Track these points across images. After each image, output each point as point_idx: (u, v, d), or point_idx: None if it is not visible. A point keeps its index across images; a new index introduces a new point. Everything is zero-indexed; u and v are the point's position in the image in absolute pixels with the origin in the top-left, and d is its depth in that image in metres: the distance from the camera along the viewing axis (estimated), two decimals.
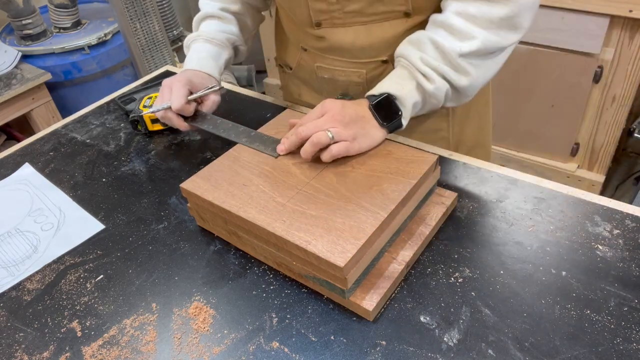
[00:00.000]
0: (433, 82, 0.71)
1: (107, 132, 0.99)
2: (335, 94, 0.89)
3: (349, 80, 0.85)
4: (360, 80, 0.84)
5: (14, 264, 0.72)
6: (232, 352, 0.57)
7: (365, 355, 0.55)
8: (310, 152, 0.67)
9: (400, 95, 0.71)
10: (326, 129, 0.67)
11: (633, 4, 1.46)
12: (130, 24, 1.96)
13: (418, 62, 0.71)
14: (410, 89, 0.72)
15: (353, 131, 0.68)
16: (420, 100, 0.73)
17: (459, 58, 0.70)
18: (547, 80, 1.77)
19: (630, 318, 0.55)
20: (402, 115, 0.72)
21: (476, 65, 0.72)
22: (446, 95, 0.73)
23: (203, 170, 0.71)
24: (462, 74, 0.71)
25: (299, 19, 0.82)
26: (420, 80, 0.71)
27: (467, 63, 0.71)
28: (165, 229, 0.74)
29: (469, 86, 0.73)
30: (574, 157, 1.90)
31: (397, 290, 0.61)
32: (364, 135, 0.69)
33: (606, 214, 0.67)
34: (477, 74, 0.72)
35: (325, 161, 0.67)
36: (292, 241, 0.58)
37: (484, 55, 0.71)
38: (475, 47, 0.69)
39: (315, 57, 0.86)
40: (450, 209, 0.70)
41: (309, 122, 0.69)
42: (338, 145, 0.67)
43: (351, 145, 0.68)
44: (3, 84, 1.86)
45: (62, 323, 0.63)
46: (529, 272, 0.61)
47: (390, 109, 0.71)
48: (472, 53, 0.70)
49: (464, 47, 0.69)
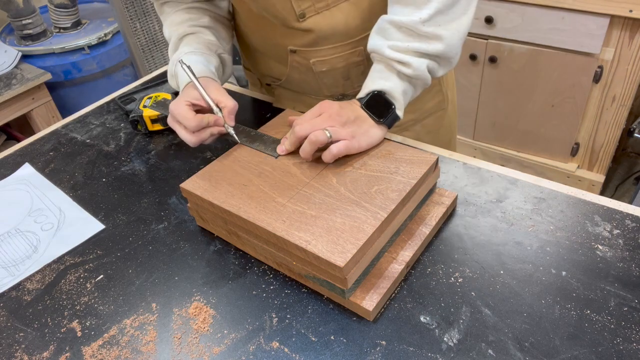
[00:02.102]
0: (409, 65, 0.70)
1: (107, 132, 0.99)
2: (335, 85, 0.88)
3: (348, 63, 0.83)
4: (360, 58, 0.82)
5: (14, 264, 0.72)
6: (232, 352, 0.57)
7: (365, 355, 0.55)
8: (309, 152, 0.67)
9: (387, 88, 0.71)
10: (324, 128, 0.67)
11: (633, 4, 1.46)
12: (130, 24, 1.96)
13: (388, 52, 0.70)
14: (394, 80, 0.71)
15: (351, 129, 0.68)
16: (408, 87, 0.72)
17: (424, 26, 0.68)
18: (547, 80, 1.77)
19: (630, 318, 0.55)
20: (396, 107, 0.72)
21: (444, 25, 0.69)
22: (430, 68, 0.72)
23: (203, 170, 0.71)
24: (434, 40, 0.69)
25: (281, 16, 0.78)
26: (398, 68, 0.71)
27: (435, 27, 0.69)
28: (165, 229, 0.74)
29: (446, 48, 0.70)
30: (574, 157, 1.90)
31: (397, 290, 0.61)
32: (363, 133, 0.69)
33: (606, 214, 0.67)
34: (450, 33, 0.70)
35: (327, 161, 0.67)
36: (292, 241, 0.58)
37: (447, 10, 0.69)
38: (433, 8, 0.67)
39: (308, 55, 0.83)
40: (450, 209, 0.70)
41: (307, 121, 0.69)
42: (338, 145, 0.67)
43: (350, 143, 0.67)
44: (3, 84, 1.86)
45: (62, 323, 0.63)
46: (529, 272, 0.61)
47: (382, 104, 0.71)
48: (433, 15, 0.68)
49: (423, 14, 0.68)
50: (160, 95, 0.98)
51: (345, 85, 0.88)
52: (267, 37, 0.86)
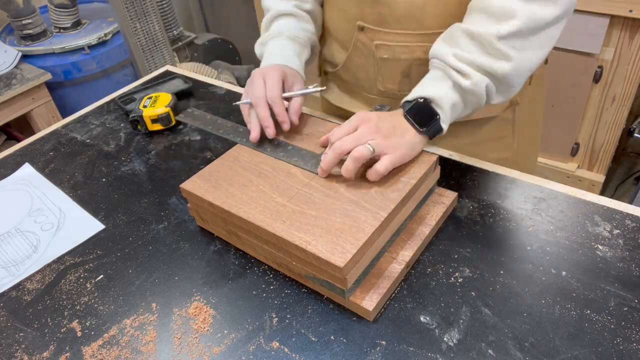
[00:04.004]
0: (469, 77, 0.66)
1: (107, 132, 0.99)
2: (392, 79, 0.82)
3: (412, 57, 0.77)
4: (426, 56, 0.74)
5: (14, 264, 0.72)
6: (232, 352, 0.57)
7: (365, 355, 0.55)
8: (353, 170, 0.63)
9: (436, 97, 0.67)
10: (366, 142, 0.63)
11: (633, 4, 1.46)
12: (130, 24, 1.96)
13: (451, 59, 0.67)
14: (445, 90, 0.67)
15: (393, 141, 0.64)
16: (459, 101, 0.68)
17: (499, 42, 0.64)
18: (547, 80, 1.76)
19: (630, 318, 0.55)
20: (441, 119, 0.67)
21: (519, 49, 0.65)
22: (488, 89, 0.68)
23: (203, 170, 0.71)
24: (503, 59, 0.65)
25: None
26: (455, 78, 0.67)
27: (508, 47, 0.65)
28: (165, 229, 0.74)
29: (512, 72, 0.66)
30: (574, 157, 1.90)
31: (397, 290, 0.61)
32: (405, 145, 0.65)
33: (606, 214, 0.67)
34: (521, 58, 0.66)
35: (373, 180, 0.64)
36: (292, 241, 0.58)
37: (527, 35, 0.65)
38: (515, 27, 0.63)
39: (374, 35, 0.78)
40: (450, 209, 0.70)
41: (345, 135, 0.65)
42: (383, 162, 0.63)
43: (394, 157, 0.64)
44: (3, 84, 1.86)
45: (62, 323, 0.63)
46: (529, 272, 0.61)
47: (426, 113, 0.67)
48: (512, 34, 0.64)
49: (502, 29, 0.64)
50: (160, 95, 0.98)
51: (402, 84, 0.82)
52: (341, 10, 0.82)
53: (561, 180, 1.92)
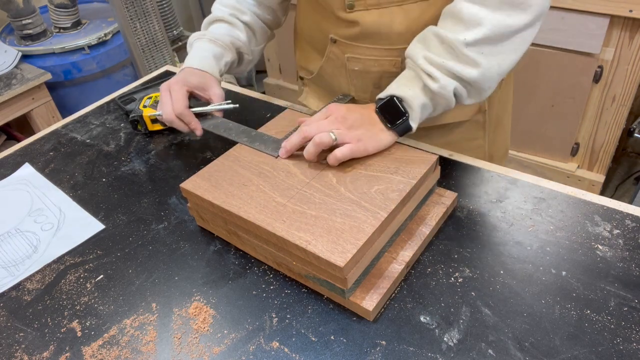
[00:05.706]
0: (437, 80, 0.68)
1: (107, 132, 0.99)
2: (364, 89, 0.85)
3: (382, 70, 0.81)
4: (396, 69, 0.78)
5: (14, 264, 0.72)
6: (232, 352, 0.57)
7: (365, 355, 0.55)
8: (313, 153, 0.67)
9: (406, 96, 0.69)
10: (329, 130, 0.67)
11: (633, 4, 1.46)
12: (130, 24, 1.96)
13: (422, 61, 0.69)
14: (416, 91, 0.69)
15: (358, 133, 0.68)
16: (428, 102, 0.70)
17: (466, 48, 0.66)
18: (547, 80, 1.77)
19: (630, 318, 0.55)
20: (410, 117, 0.70)
21: (487, 54, 0.67)
22: (457, 92, 0.69)
23: (203, 170, 0.71)
24: (471, 65, 0.67)
25: (330, 1, 0.78)
26: (425, 80, 0.69)
27: (477, 53, 0.66)
28: (165, 229, 0.74)
29: (481, 77, 0.68)
30: (574, 157, 1.90)
31: (397, 290, 0.61)
32: (370, 137, 0.68)
33: (606, 214, 0.67)
34: (490, 64, 0.67)
35: (331, 165, 0.67)
36: (292, 241, 0.58)
37: (495, 41, 0.66)
38: (481, 34, 0.65)
39: (346, 48, 0.81)
40: (450, 209, 0.70)
41: (314, 122, 0.69)
42: (342, 149, 0.67)
43: (356, 147, 0.67)
44: (3, 84, 1.86)
45: (62, 323, 0.63)
46: (529, 272, 0.61)
47: (396, 111, 0.69)
48: (479, 40, 0.66)
49: (469, 36, 0.65)
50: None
51: (374, 94, 0.83)
52: (314, 21, 0.86)
53: (561, 180, 1.92)
